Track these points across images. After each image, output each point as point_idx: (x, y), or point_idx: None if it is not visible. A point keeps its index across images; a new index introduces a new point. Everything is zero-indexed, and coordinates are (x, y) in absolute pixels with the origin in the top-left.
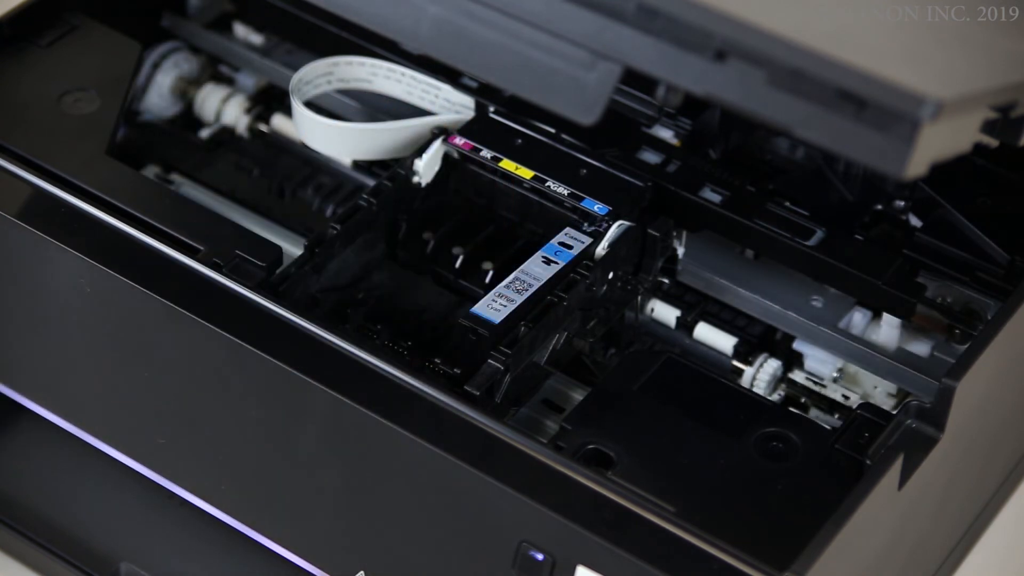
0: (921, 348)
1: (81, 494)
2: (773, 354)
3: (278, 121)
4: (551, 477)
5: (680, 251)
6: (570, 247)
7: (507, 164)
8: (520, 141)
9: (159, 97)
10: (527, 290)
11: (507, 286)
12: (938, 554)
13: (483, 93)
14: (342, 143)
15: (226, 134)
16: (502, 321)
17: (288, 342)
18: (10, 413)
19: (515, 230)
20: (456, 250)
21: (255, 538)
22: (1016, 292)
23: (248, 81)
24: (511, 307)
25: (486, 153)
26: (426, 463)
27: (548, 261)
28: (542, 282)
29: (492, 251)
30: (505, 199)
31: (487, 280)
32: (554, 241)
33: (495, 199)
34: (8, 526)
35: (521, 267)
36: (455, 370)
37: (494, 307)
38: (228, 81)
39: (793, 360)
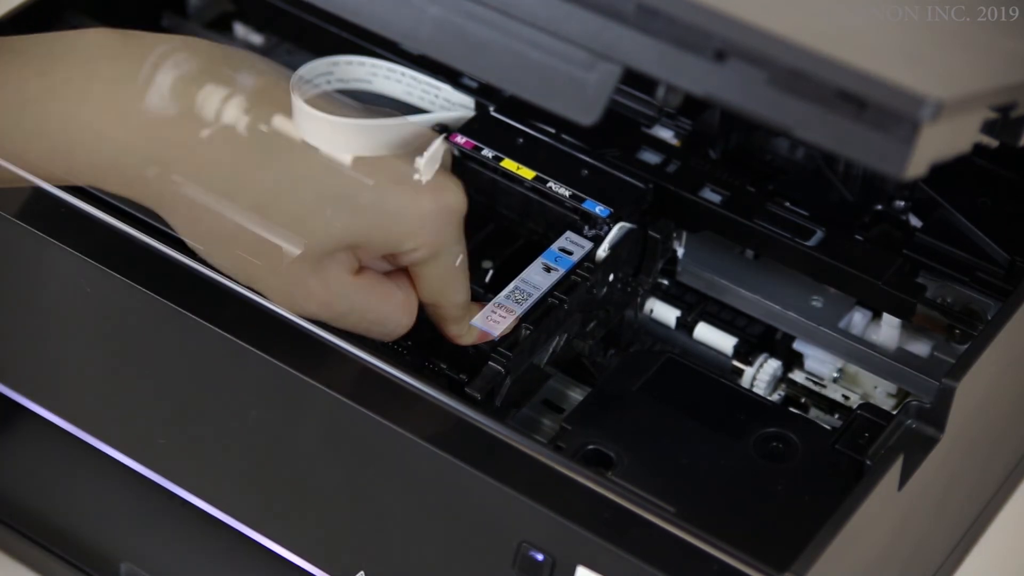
0: (921, 348)
1: (81, 494)
2: (773, 354)
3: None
4: (551, 477)
5: (680, 251)
6: (570, 253)
7: (508, 164)
8: (521, 141)
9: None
10: (527, 300)
11: (507, 296)
12: (938, 554)
13: (483, 93)
14: (342, 140)
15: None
16: (501, 335)
17: (288, 342)
18: (10, 413)
19: (515, 229)
20: None
21: (255, 538)
22: (1016, 292)
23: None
24: (510, 319)
25: (487, 152)
26: (426, 463)
27: (548, 268)
28: (541, 291)
29: (492, 250)
30: (506, 198)
31: (487, 279)
32: (554, 247)
33: (496, 198)
34: (8, 526)
35: (520, 275)
36: (460, 376)
37: (493, 319)
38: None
39: (793, 360)
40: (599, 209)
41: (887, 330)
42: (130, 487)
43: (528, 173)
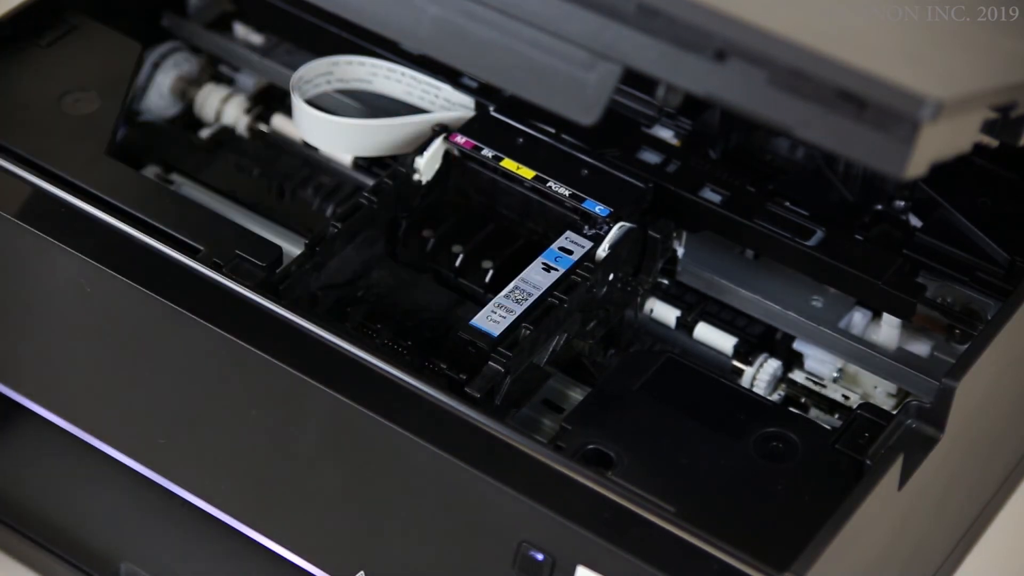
0: (921, 348)
1: (81, 494)
2: (773, 354)
3: (278, 121)
4: (551, 477)
5: (680, 251)
6: (570, 252)
7: (508, 163)
8: (521, 140)
9: (159, 97)
10: (527, 300)
11: (507, 296)
12: (938, 554)
13: (483, 93)
14: (343, 140)
15: (226, 134)
16: (501, 334)
17: (288, 342)
18: (10, 413)
19: (515, 229)
20: (456, 248)
21: (255, 538)
22: (1016, 292)
23: (248, 81)
24: (510, 319)
25: (487, 152)
26: (426, 463)
27: (548, 268)
28: (541, 291)
29: (492, 250)
30: (506, 198)
31: (487, 279)
32: (554, 246)
33: (496, 198)
34: (8, 526)
35: (521, 275)
36: (460, 375)
37: (493, 319)
38: (228, 81)
39: (793, 360)
40: (599, 209)
41: (887, 330)
42: (130, 487)
43: (528, 173)
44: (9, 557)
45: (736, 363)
